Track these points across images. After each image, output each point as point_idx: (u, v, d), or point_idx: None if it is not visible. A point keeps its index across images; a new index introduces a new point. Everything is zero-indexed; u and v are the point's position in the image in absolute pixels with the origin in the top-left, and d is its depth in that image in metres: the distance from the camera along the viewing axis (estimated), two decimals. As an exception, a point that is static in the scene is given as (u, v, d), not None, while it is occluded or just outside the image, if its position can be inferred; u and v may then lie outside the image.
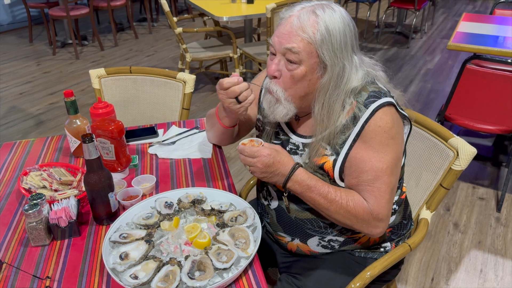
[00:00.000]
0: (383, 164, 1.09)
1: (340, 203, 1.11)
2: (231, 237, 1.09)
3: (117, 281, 0.96)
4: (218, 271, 1.00)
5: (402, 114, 1.15)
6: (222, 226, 1.14)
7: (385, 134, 1.09)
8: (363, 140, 1.10)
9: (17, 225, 1.21)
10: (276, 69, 1.10)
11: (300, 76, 1.08)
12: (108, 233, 1.09)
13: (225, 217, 1.17)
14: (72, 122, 1.45)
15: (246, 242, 1.07)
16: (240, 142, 1.13)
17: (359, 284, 1.19)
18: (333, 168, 1.13)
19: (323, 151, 1.14)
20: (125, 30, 6.36)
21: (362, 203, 1.12)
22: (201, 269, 1.00)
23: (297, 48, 1.05)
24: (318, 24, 1.04)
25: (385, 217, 1.13)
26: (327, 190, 1.12)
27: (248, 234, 1.09)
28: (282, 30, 1.07)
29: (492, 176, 2.82)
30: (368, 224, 1.13)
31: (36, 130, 3.51)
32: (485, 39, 2.76)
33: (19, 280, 1.03)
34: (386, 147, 1.09)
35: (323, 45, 1.04)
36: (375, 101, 1.10)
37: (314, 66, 1.07)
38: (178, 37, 3.54)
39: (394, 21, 6.36)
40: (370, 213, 1.11)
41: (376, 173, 1.09)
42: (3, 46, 5.63)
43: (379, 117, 1.09)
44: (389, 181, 1.11)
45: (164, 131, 1.69)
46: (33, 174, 1.32)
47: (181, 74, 1.96)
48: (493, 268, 2.12)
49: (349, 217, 1.12)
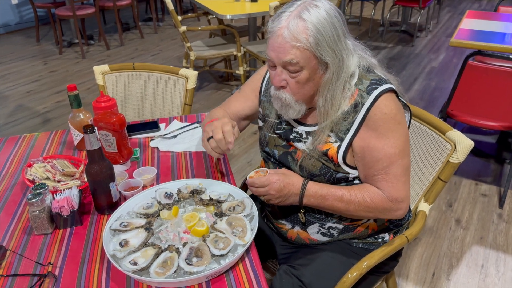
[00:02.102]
0: (395, 149, 1.13)
1: (358, 202, 1.16)
2: (228, 226, 1.12)
3: (116, 267, 0.99)
4: (215, 258, 1.02)
5: (402, 101, 1.18)
6: (220, 216, 1.16)
7: (392, 120, 1.12)
8: (372, 128, 1.13)
9: (21, 215, 1.24)
10: (280, 80, 1.12)
11: (305, 80, 1.10)
12: (109, 222, 1.12)
13: (223, 207, 1.19)
14: (75, 116, 1.48)
15: (243, 231, 1.10)
16: (247, 176, 1.18)
17: (356, 273, 1.20)
18: (337, 154, 1.16)
19: (327, 138, 1.17)
20: (131, 30, 6.41)
21: (378, 194, 1.16)
22: (199, 255, 1.02)
23: (295, 59, 1.06)
24: (308, 29, 1.04)
25: (404, 198, 1.17)
26: (341, 193, 1.16)
27: (245, 223, 1.12)
28: (275, 44, 1.07)
29: (495, 173, 2.82)
30: (391, 210, 1.18)
31: (42, 127, 3.56)
32: (488, 35, 2.76)
33: (22, 266, 1.06)
34: (395, 132, 1.13)
35: (319, 47, 1.05)
36: (377, 87, 1.12)
37: (315, 67, 1.09)
38: (182, 35, 3.57)
39: (399, 20, 6.35)
40: (389, 200, 1.16)
41: (390, 159, 1.13)
42: (10, 46, 5.70)
43: (384, 104, 1.11)
44: (403, 164, 1.15)
45: (165, 126, 1.71)
46: (37, 166, 1.35)
47: (183, 70, 1.98)
48: (494, 263, 2.12)
49: (370, 211, 1.17)
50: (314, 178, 1.21)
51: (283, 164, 1.28)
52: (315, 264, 1.26)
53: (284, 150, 1.27)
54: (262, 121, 1.35)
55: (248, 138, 3.33)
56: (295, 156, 1.24)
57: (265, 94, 1.34)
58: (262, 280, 1.00)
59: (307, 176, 1.21)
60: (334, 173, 1.19)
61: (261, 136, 1.35)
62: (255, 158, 3.08)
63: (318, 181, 1.21)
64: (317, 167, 1.19)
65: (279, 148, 1.28)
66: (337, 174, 1.19)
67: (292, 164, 1.25)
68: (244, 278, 1.01)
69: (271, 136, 1.31)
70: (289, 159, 1.25)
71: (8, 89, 4.34)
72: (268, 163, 1.35)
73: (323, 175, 1.20)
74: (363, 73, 1.16)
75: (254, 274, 1.02)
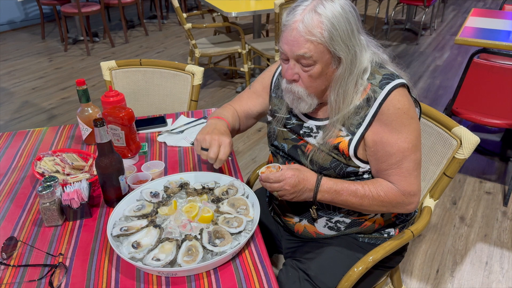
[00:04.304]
0: (408, 143, 1.14)
1: (372, 196, 1.17)
2: (231, 207, 1.16)
3: (141, 267, 0.99)
4: (234, 236, 1.07)
5: (412, 97, 1.19)
6: (217, 201, 1.20)
7: (405, 115, 1.13)
8: (385, 123, 1.14)
9: (31, 207, 1.26)
10: (293, 73, 1.14)
11: (318, 74, 1.11)
12: (108, 231, 1.08)
13: (216, 193, 1.23)
14: (84, 110, 1.50)
15: (247, 208, 1.15)
16: (259, 172, 1.18)
17: (362, 268, 1.21)
18: (348, 147, 1.17)
19: (338, 132, 1.18)
20: (136, 27, 6.43)
21: (391, 188, 1.17)
22: (219, 237, 1.06)
23: (309, 53, 1.07)
24: (323, 24, 1.05)
25: (416, 191, 1.19)
26: (355, 188, 1.17)
27: (246, 201, 1.18)
28: (290, 37, 1.09)
29: (499, 171, 2.82)
30: (403, 204, 1.20)
31: (48, 124, 3.59)
32: (493, 33, 2.76)
33: (33, 257, 1.08)
34: (409, 127, 1.14)
35: (333, 42, 1.06)
36: (389, 82, 1.14)
37: (328, 61, 1.10)
38: (187, 32, 3.58)
39: (403, 18, 6.34)
40: (401, 194, 1.17)
41: (403, 154, 1.14)
42: (16, 43, 5.72)
43: (397, 99, 1.12)
44: (415, 158, 1.16)
45: (173, 121, 1.73)
46: (47, 159, 1.37)
47: (190, 66, 1.99)
48: (498, 260, 2.13)
49: (384, 205, 1.19)
50: (323, 171, 1.22)
51: (292, 157, 1.29)
52: (321, 258, 1.27)
53: (294, 144, 1.28)
54: (271, 116, 1.36)
55: (253, 135, 3.35)
56: (304, 150, 1.25)
57: (275, 90, 1.35)
58: (268, 268, 1.02)
59: (317, 170, 1.23)
60: (344, 167, 1.20)
61: (270, 130, 1.36)
62: (260, 155, 3.09)
63: (327, 175, 1.22)
64: (328, 161, 1.20)
65: (288, 141, 1.29)
66: (348, 168, 1.20)
67: (302, 158, 1.26)
68: (250, 265, 1.03)
69: (280, 130, 1.32)
70: (299, 153, 1.26)
71: (14, 85, 4.37)
72: (277, 157, 1.36)
73: (333, 168, 1.20)
74: (376, 68, 1.17)
75: (260, 261, 1.04)
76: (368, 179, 1.23)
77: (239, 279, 0.99)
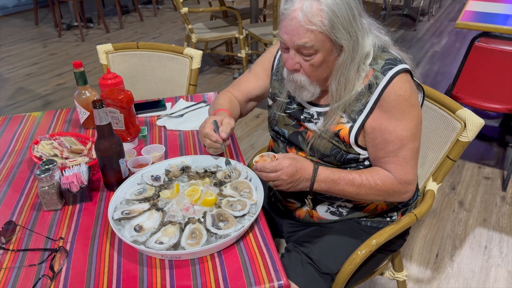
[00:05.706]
0: (407, 131, 1.12)
1: (369, 185, 1.15)
2: (234, 190, 1.15)
3: (144, 250, 0.97)
4: (237, 219, 1.06)
5: (416, 82, 1.17)
6: (220, 184, 1.18)
7: (406, 102, 1.10)
8: (385, 110, 1.11)
9: (29, 191, 1.23)
10: (294, 63, 1.11)
11: (319, 62, 1.08)
12: (109, 214, 1.06)
13: (218, 176, 1.21)
14: (81, 93, 1.47)
15: (250, 192, 1.14)
16: (253, 161, 1.15)
17: (365, 251, 1.21)
18: (349, 135, 1.15)
19: (339, 119, 1.15)
20: (130, 13, 6.34)
21: (388, 177, 1.16)
22: (222, 219, 1.05)
23: (309, 42, 1.04)
24: (323, 12, 1.01)
25: (412, 180, 1.17)
26: (352, 177, 1.15)
27: (249, 184, 1.16)
28: (289, 26, 1.05)
29: (498, 156, 2.82)
30: (399, 193, 1.18)
31: (43, 110, 3.53)
32: (494, 17, 2.73)
33: (33, 241, 1.06)
34: (409, 115, 1.11)
35: (334, 30, 1.03)
36: (392, 68, 1.11)
37: (330, 49, 1.07)
38: (183, 17, 3.52)
39: (401, 4, 6.29)
40: (398, 183, 1.16)
41: (401, 142, 1.12)
42: (9, 29, 5.63)
43: (398, 85, 1.10)
44: (413, 147, 1.14)
45: (172, 105, 1.70)
46: (44, 143, 1.34)
47: (188, 49, 1.96)
48: (497, 245, 2.13)
49: (380, 194, 1.17)
50: (324, 158, 1.20)
51: (293, 143, 1.27)
52: (324, 241, 1.26)
53: (294, 130, 1.26)
54: (272, 100, 1.34)
55: (251, 121, 3.32)
56: (305, 136, 1.23)
57: (276, 73, 1.33)
58: (273, 251, 1.00)
59: (318, 157, 1.21)
60: (345, 154, 1.18)
61: (270, 115, 1.34)
62: (258, 141, 3.07)
63: (328, 162, 1.20)
64: (328, 148, 1.18)
65: (289, 127, 1.27)
66: (348, 155, 1.19)
67: (302, 144, 1.24)
68: (255, 248, 1.02)
69: (280, 115, 1.29)
70: (299, 139, 1.24)
71: (8, 71, 4.30)
72: (277, 142, 1.34)
73: (333, 155, 1.19)
74: (378, 53, 1.14)
75: (264, 244, 1.03)
76: (369, 166, 1.22)
77: (244, 262, 0.98)
